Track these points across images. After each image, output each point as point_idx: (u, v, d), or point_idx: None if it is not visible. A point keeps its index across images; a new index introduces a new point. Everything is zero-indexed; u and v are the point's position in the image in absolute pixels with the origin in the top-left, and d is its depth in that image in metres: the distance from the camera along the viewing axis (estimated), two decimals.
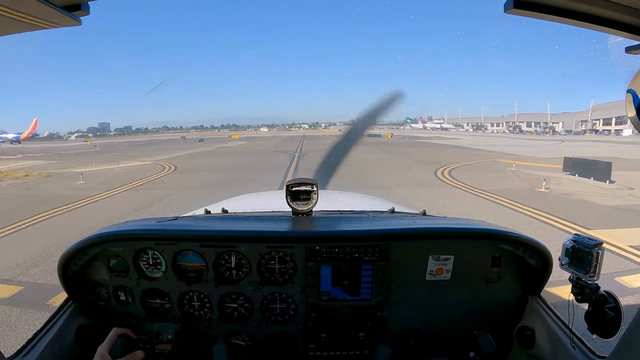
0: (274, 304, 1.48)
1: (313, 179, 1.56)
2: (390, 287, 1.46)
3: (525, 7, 0.78)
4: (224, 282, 1.46)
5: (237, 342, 1.50)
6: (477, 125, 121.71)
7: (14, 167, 22.58)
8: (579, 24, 0.82)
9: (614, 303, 1.07)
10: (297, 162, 22.30)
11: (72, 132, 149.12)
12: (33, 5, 0.69)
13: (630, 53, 0.85)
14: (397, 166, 18.85)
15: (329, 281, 1.43)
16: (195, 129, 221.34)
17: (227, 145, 45.45)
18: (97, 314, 1.49)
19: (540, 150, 29.68)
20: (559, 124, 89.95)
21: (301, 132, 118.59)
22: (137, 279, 1.46)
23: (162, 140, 77.55)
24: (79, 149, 48.23)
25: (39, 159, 30.14)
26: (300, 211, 1.59)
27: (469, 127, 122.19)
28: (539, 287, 1.47)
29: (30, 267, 5.52)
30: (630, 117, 0.84)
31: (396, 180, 13.70)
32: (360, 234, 1.41)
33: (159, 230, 1.43)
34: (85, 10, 0.80)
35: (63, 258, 1.40)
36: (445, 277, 1.46)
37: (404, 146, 37.61)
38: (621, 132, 64.55)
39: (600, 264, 1.05)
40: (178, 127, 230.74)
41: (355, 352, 1.49)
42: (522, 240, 1.41)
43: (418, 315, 1.50)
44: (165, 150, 38.38)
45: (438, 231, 1.47)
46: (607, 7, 0.75)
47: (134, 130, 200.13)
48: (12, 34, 0.81)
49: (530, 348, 1.40)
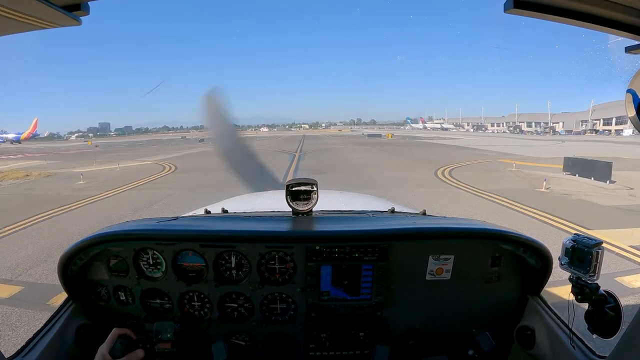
0: (274, 304, 1.48)
1: (313, 179, 1.56)
2: (390, 287, 1.46)
3: (525, 7, 0.78)
4: (224, 282, 1.46)
5: (237, 342, 1.50)
6: (477, 125, 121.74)
7: (14, 167, 22.59)
8: (579, 24, 0.82)
9: (614, 303, 1.07)
10: (297, 162, 22.31)
11: (73, 132, 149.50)
12: (33, 5, 0.69)
13: (630, 53, 0.85)
14: (397, 166, 18.85)
15: (329, 281, 1.43)
16: (196, 129, 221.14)
17: None
18: (97, 314, 1.50)
19: (541, 150, 29.67)
20: (559, 124, 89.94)
21: (301, 132, 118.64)
22: (137, 279, 1.46)
23: (163, 140, 77.65)
24: (79, 149, 48.27)
25: (39, 159, 30.18)
26: (300, 211, 1.59)
27: (469, 127, 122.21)
28: (539, 287, 1.47)
29: (31, 267, 5.53)
30: (630, 117, 0.84)
31: (396, 180, 13.70)
32: (360, 234, 1.41)
33: (159, 230, 1.43)
34: (85, 10, 0.80)
35: (63, 258, 1.40)
36: (445, 277, 1.46)
37: (404, 146, 37.64)
38: (621, 132, 64.54)
39: (600, 263, 1.05)
40: (178, 127, 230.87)
41: (355, 352, 1.49)
42: (522, 240, 1.41)
43: (418, 315, 1.50)
44: (166, 150, 38.42)
45: (438, 231, 1.47)
46: (607, 7, 0.75)
47: (134, 130, 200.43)
48: (12, 34, 0.81)
49: (530, 348, 1.40)
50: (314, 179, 1.56)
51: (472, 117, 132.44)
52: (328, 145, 40.13)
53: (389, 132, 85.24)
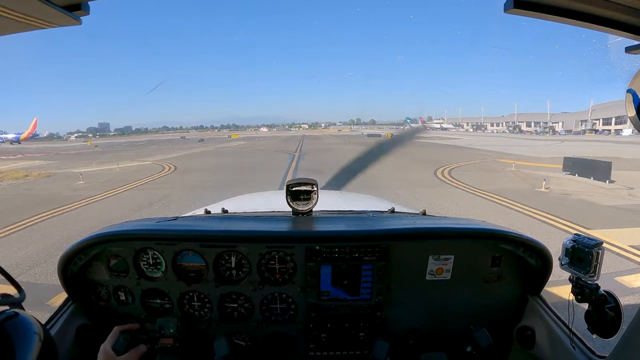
0: (274, 304, 1.48)
1: (313, 179, 1.56)
2: (390, 287, 1.46)
3: (525, 7, 0.78)
4: (224, 282, 1.46)
5: (237, 342, 1.50)
6: (477, 125, 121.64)
7: (14, 167, 22.56)
8: (579, 24, 0.82)
9: (614, 303, 1.07)
10: (297, 162, 22.30)
11: (72, 132, 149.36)
12: (33, 5, 0.69)
13: (630, 53, 0.85)
14: (397, 166, 18.84)
15: (329, 281, 1.43)
16: (195, 129, 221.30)
17: (227, 145, 45.43)
18: (97, 314, 1.50)
19: (540, 150, 29.67)
20: (559, 124, 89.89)
21: (301, 132, 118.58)
22: (137, 279, 1.46)
23: (162, 140, 77.46)
24: (79, 149, 48.20)
25: (38, 159, 30.14)
26: (300, 211, 1.59)
27: (469, 127, 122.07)
28: (539, 287, 1.47)
29: (31, 268, 5.52)
30: (630, 117, 0.84)
31: (396, 180, 13.68)
32: (360, 234, 1.41)
33: (159, 230, 1.43)
34: (85, 10, 0.80)
35: (63, 258, 1.40)
36: (446, 277, 1.46)
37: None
38: (621, 132, 64.51)
39: (600, 263, 1.05)
40: (178, 127, 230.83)
41: (355, 352, 1.49)
42: (522, 240, 1.41)
43: (418, 315, 1.50)
44: (165, 150, 38.36)
45: (438, 231, 1.47)
46: (607, 7, 0.75)
47: (133, 131, 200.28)
48: (12, 34, 0.81)
49: (530, 348, 1.40)
50: (314, 178, 1.56)
51: (471, 117, 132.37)
52: (328, 145, 40.12)
53: (389, 132, 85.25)
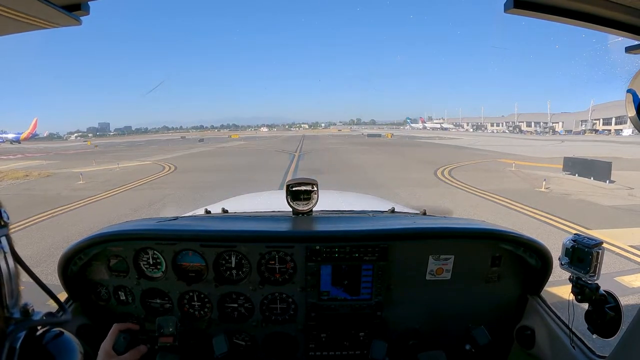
0: (274, 303, 1.48)
1: (313, 179, 1.56)
2: (390, 287, 1.46)
3: (525, 7, 0.78)
4: (224, 282, 1.46)
5: (237, 342, 1.50)
6: (477, 125, 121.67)
7: (14, 167, 22.56)
8: (579, 24, 0.82)
9: (614, 303, 1.07)
10: (297, 162, 22.30)
11: (72, 132, 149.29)
12: (33, 5, 0.69)
13: (630, 53, 0.85)
14: (397, 166, 18.84)
15: (329, 281, 1.43)
16: (195, 129, 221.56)
17: (227, 145, 45.43)
18: (97, 313, 1.50)
19: (540, 150, 29.65)
20: (559, 124, 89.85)
21: (301, 132, 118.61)
22: (137, 279, 1.46)
23: (162, 140, 77.48)
24: (79, 149, 48.19)
25: (38, 159, 30.11)
26: (300, 211, 1.59)
27: (469, 127, 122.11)
28: (539, 287, 1.47)
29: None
30: (630, 117, 0.84)
31: (396, 180, 13.69)
32: (360, 234, 1.41)
33: (159, 230, 1.43)
34: (85, 10, 0.80)
35: (63, 258, 1.40)
36: (446, 277, 1.46)
37: (404, 146, 37.63)
38: (621, 132, 64.46)
39: (600, 263, 1.05)
40: (178, 127, 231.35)
41: (355, 352, 1.49)
42: (522, 240, 1.41)
43: (418, 315, 1.50)
44: (165, 150, 38.35)
45: (438, 231, 1.47)
46: (607, 7, 0.75)
47: (133, 130, 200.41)
48: (12, 34, 0.81)
49: (530, 348, 1.40)
50: (314, 178, 1.56)
51: (471, 117, 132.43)
52: (328, 145, 40.12)
53: (389, 132, 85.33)
